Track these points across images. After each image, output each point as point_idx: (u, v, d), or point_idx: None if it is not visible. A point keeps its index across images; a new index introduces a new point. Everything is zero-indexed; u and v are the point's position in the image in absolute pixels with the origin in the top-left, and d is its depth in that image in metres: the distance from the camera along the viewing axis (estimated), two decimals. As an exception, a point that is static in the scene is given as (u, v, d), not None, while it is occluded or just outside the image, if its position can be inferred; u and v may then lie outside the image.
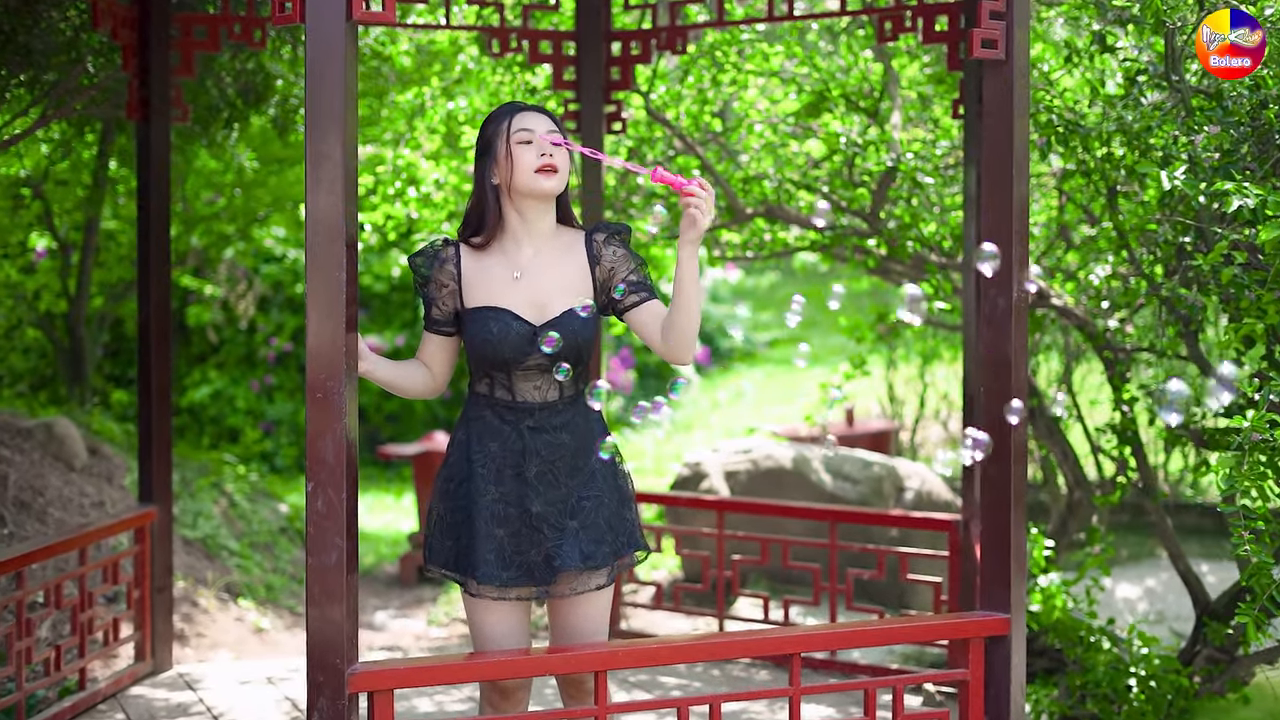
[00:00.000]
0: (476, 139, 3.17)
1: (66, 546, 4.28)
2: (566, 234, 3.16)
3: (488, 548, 3.04)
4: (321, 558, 2.82)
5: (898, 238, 5.23)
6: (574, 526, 3.06)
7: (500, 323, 3.05)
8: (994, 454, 3.33)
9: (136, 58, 4.62)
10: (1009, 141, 3.27)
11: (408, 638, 6.17)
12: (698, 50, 5.71)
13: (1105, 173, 4.71)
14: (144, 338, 4.71)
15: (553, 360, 3.06)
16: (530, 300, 3.08)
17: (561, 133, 3.11)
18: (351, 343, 2.84)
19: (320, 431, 2.81)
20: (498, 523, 3.06)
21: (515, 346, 3.04)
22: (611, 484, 3.13)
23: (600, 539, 3.07)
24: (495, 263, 3.12)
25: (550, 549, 3.04)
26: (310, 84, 2.80)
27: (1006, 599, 3.31)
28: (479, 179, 3.13)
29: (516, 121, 3.07)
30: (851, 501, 6.34)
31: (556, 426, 3.08)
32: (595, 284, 3.12)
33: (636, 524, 3.16)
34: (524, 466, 3.06)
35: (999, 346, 3.31)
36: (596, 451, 3.10)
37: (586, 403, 3.13)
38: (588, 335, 3.09)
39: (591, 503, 3.08)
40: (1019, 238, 3.29)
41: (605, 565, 3.07)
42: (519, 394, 3.09)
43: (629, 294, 3.10)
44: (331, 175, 2.79)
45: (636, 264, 3.12)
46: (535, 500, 3.05)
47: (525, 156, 3.05)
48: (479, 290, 3.10)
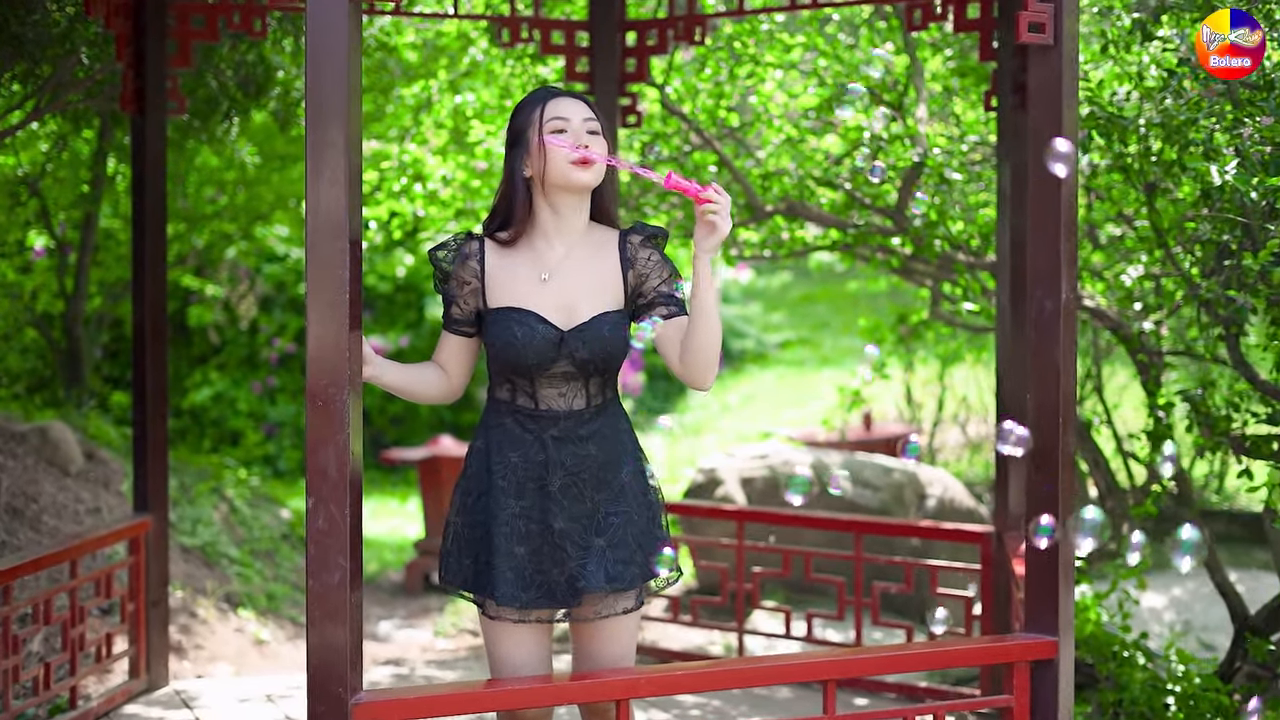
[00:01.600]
0: (507, 127, 2.95)
1: (56, 559, 4.08)
2: (599, 232, 2.95)
3: (507, 566, 2.83)
4: (323, 578, 2.62)
5: (924, 236, 5.01)
6: (600, 545, 2.84)
7: (525, 326, 2.84)
8: (1041, 464, 3.13)
9: (131, 48, 4.42)
10: (1058, 130, 3.07)
11: (413, 650, 5.96)
12: (714, 42, 5.50)
13: (1143, 168, 4.50)
14: (139, 339, 4.51)
15: (581, 369, 2.85)
16: (558, 303, 2.87)
17: (599, 120, 2.89)
18: (355, 346, 2.64)
19: (321, 442, 2.60)
20: (518, 539, 2.84)
21: (540, 352, 2.83)
22: (641, 500, 2.91)
23: (628, 559, 2.85)
24: (522, 261, 2.90)
25: (574, 569, 2.83)
26: (311, 67, 2.60)
27: (1054, 621, 3.10)
28: (509, 170, 2.91)
29: (550, 109, 2.84)
30: (872, 509, 6.13)
31: (583, 437, 2.87)
32: (626, 288, 2.91)
33: (667, 544, 2.95)
34: (547, 479, 2.85)
35: (1047, 352, 3.10)
36: (626, 465, 2.89)
37: (615, 411, 2.92)
38: (618, 344, 2.87)
39: (620, 519, 2.86)
40: (1067, 232, 3.09)
41: (633, 587, 2.86)
42: (542, 401, 2.87)
43: (657, 304, 2.88)
44: (334, 166, 2.59)
45: (670, 273, 2.91)
46: (558, 516, 2.84)
47: (558, 142, 2.83)
48: (503, 290, 2.89)
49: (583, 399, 2.88)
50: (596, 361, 2.84)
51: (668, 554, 2.92)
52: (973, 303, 5.12)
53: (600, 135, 2.88)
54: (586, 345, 2.83)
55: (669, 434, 10.42)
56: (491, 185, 5.77)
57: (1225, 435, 4.62)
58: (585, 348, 2.83)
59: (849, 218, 5.30)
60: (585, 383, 2.88)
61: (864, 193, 5.19)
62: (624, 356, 2.90)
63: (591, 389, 2.89)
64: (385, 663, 5.61)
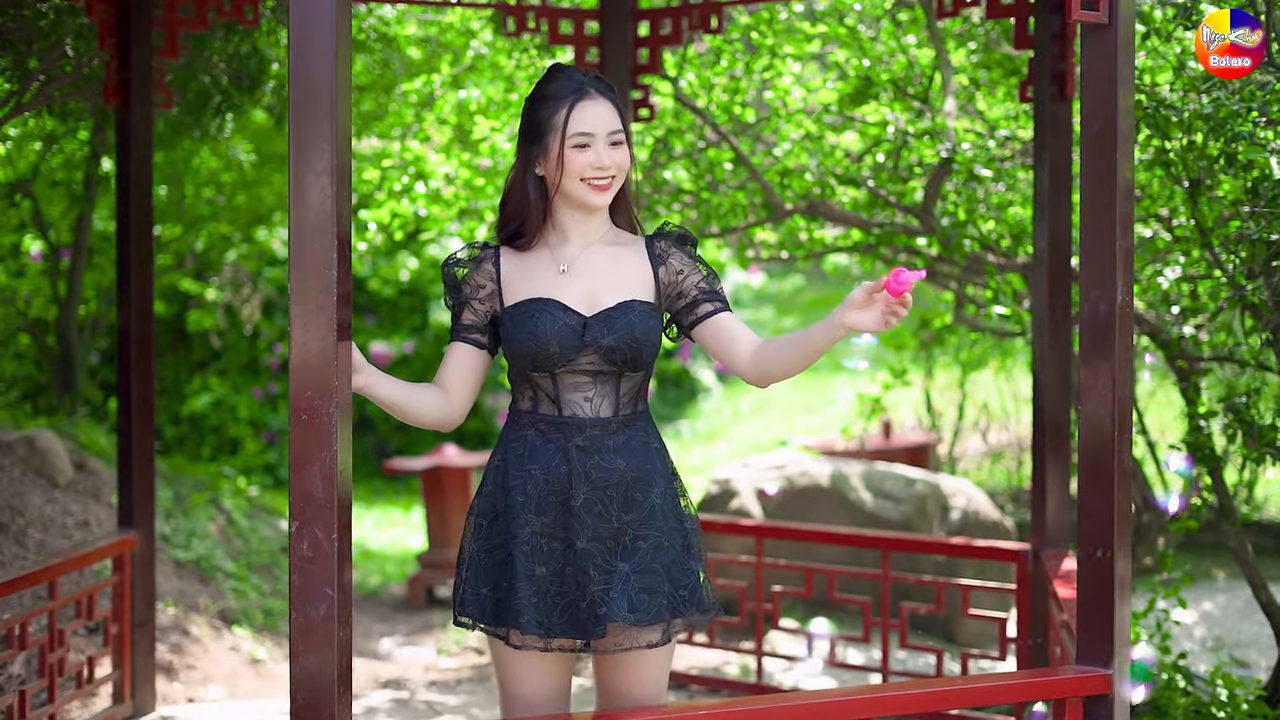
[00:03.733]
0: (524, 113, 2.69)
1: (32, 580, 3.82)
2: (621, 235, 2.74)
3: (529, 590, 2.57)
4: (307, 610, 2.36)
5: (952, 236, 4.75)
6: (624, 570, 2.58)
7: (547, 314, 2.60)
8: (1094, 481, 2.87)
9: (114, 36, 4.17)
10: (1112, 118, 2.81)
11: (415, 669, 5.70)
12: (729, 33, 5.24)
13: (1187, 163, 4.24)
14: (124, 346, 4.26)
15: (608, 361, 2.61)
16: (579, 292, 2.65)
17: (625, 126, 2.67)
18: (344, 353, 2.39)
19: (305, 460, 2.35)
20: (539, 559, 2.59)
21: (563, 340, 2.59)
22: (676, 526, 2.65)
23: (654, 589, 2.58)
24: (539, 260, 2.68)
25: (596, 594, 2.56)
26: (294, 49, 2.35)
27: (1109, 653, 2.84)
28: (520, 165, 2.67)
29: (576, 119, 2.61)
30: (894, 522, 5.87)
31: (610, 448, 2.61)
32: (659, 288, 2.68)
33: (702, 579, 2.67)
34: (569, 493, 2.59)
35: (1100, 358, 2.84)
36: (657, 484, 2.64)
37: (646, 425, 2.67)
38: (648, 334, 2.62)
39: (647, 544, 2.60)
40: (1123, 229, 2.83)
41: (658, 621, 2.58)
42: (566, 406, 2.62)
43: (699, 303, 2.67)
44: (320, 155, 2.34)
45: (708, 272, 2.70)
46: (581, 534, 2.58)
47: (578, 162, 2.61)
48: (521, 286, 2.66)
49: (610, 405, 2.63)
50: (623, 350, 2.60)
51: (703, 588, 2.67)
52: (1003, 306, 4.85)
53: (624, 144, 2.65)
54: (612, 332, 2.60)
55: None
56: (497, 185, 5.52)
57: (1271, 445, 4.37)
58: (611, 334, 2.59)
59: (872, 217, 5.04)
60: (615, 385, 2.63)
61: (888, 191, 4.93)
62: (653, 351, 2.65)
63: (621, 394, 2.65)
64: (385, 684, 5.35)
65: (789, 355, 2.59)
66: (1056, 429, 4.05)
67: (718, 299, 2.69)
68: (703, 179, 5.23)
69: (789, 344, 2.59)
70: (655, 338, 2.65)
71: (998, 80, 5.20)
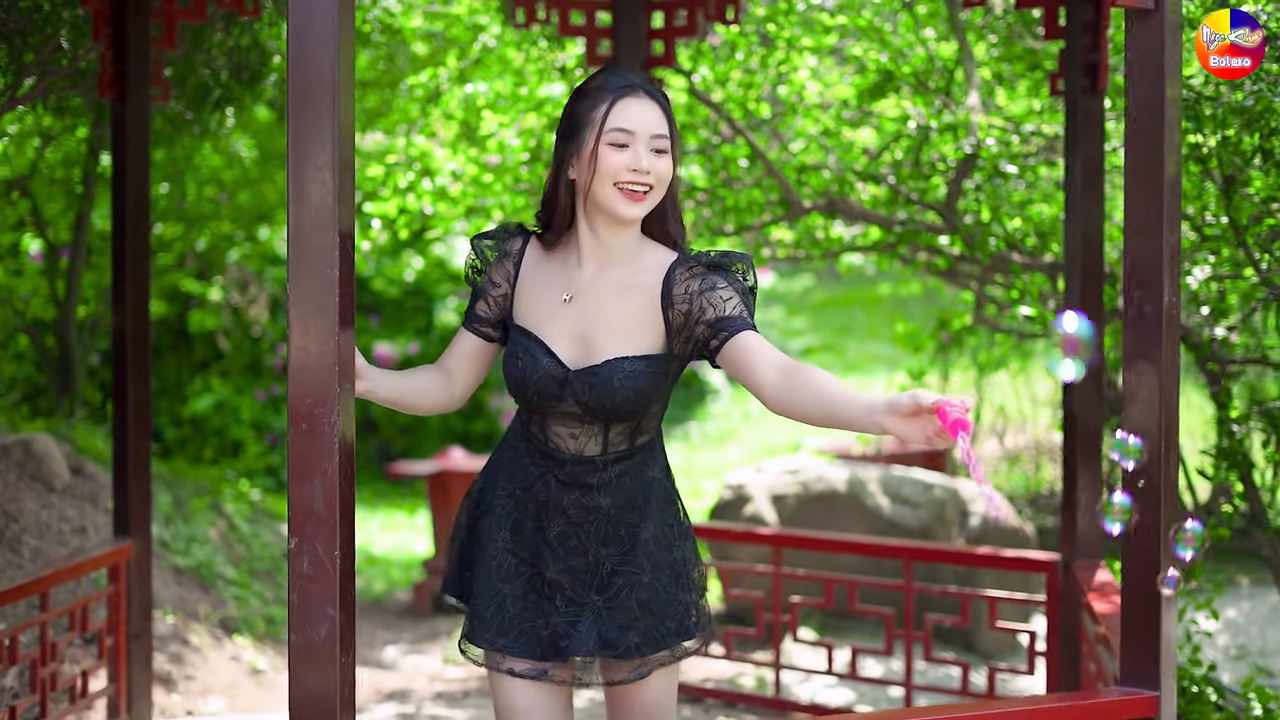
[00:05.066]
0: (565, 107, 2.47)
1: (23, 592, 3.67)
2: (652, 255, 2.46)
3: (487, 603, 2.45)
4: (307, 632, 2.21)
5: (976, 234, 4.59)
6: (597, 602, 2.43)
7: (529, 357, 2.42)
8: (1141, 493, 2.71)
9: (110, 27, 4.02)
10: (1159, 109, 2.66)
11: (420, 679, 5.55)
12: (744, 26, 5.08)
13: (1222, 158, 4.08)
14: (119, 347, 4.11)
15: (591, 415, 2.42)
16: (574, 333, 2.44)
17: (672, 133, 2.42)
18: (347, 358, 2.24)
19: (305, 472, 2.19)
20: (504, 577, 2.47)
21: (541, 389, 2.42)
22: (663, 559, 2.48)
23: (627, 625, 2.43)
24: (554, 272, 2.48)
25: (560, 625, 2.42)
26: (294, 33, 2.20)
27: (1155, 674, 2.69)
28: (555, 166, 2.47)
29: (616, 114, 2.37)
30: (912, 528, 5.71)
31: (593, 486, 2.44)
32: (669, 328, 2.41)
33: (693, 605, 2.51)
34: (544, 522, 2.45)
35: (1145, 362, 2.68)
36: (647, 521, 2.47)
37: (645, 458, 2.48)
38: (638, 394, 2.39)
39: (625, 579, 2.44)
40: (1170, 224, 2.68)
41: (632, 657, 2.43)
42: (551, 439, 2.47)
43: (709, 339, 2.38)
44: (320, 146, 2.19)
45: (723, 299, 2.37)
46: (552, 564, 2.44)
47: (613, 163, 2.36)
48: (527, 305, 2.49)
49: (597, 445, 2.45)
50: (603, 409, 2.40)
51: (691, 615, 2.51)
52: (1029, 306, 4.69)
53: (669, 154, 2.40)
54: (593, 391, 2.39)
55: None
56: (505, 182, 5.37)
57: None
58: (591, 394, 2.39)
59: (892, 214, 4.88)
60: (604, 428, 2.44)
61: (909, 188, 4.77)
62: (646, 409, 2.44)
63: (612, 435, 2.45)
64: (389, 696, 5.20)
65: (819, 405, 2.22)
66: (1088, 435, 3.89)
67: (725, 326, 2.35)
68: (717, 175, 5.07)
69: (823, 396, 2.22)
70: (648, 396, 2.40)
71: (1020, 74, 5.04)
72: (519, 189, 5.33)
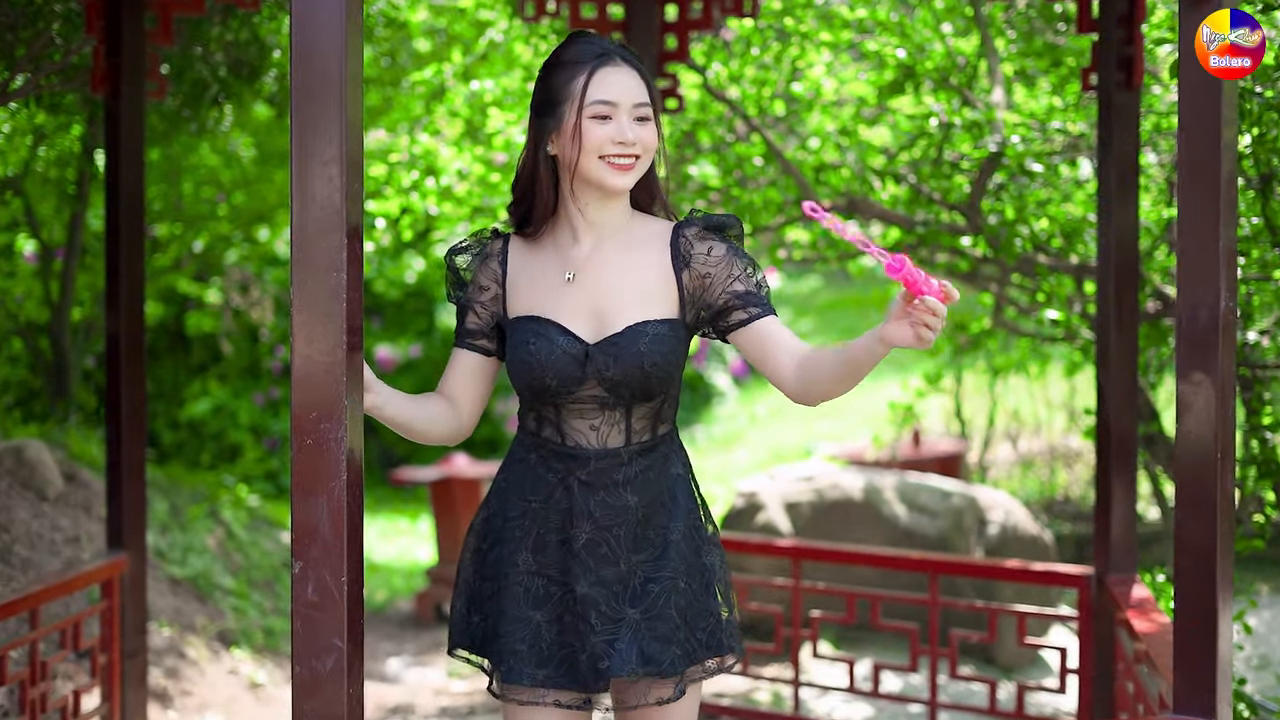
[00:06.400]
0: (538, 84, 2.35)
1: (11, 609, 3.50)
2: (644, 224, 2.37)
3: (517, 635, 2.28)
4: (312, 664, 2.05)
5: (1001, 235, 4.44)
6: (634, 617, 2.27)
7: (542, 339, 2.27)
8: (1193, 507, 2.56)
9: (103, 20, 3.86)
10: (1215, 100, 2.50)
11: (425, 693, 5.39)
12: (758, 21, 4.92)
13: (1258, 157, 3.93)
14: (113, 352, 3.94)
15: (615, 394, 2.28)
16: (585, 308, 2.30)
17: (653, 98, 2.31)
18: (355, 369, 2.08)
19: (310, 491, 2.04)
20: (533, 602, 2.29)
21: (561, 371, 2.26)
22: (693, 562, 2.33)
23: (669, 636, 2.27)
24: (547, 258, 2.34)
25: (598, 645, 2.26)
26: (296, 10, 2.04)
27: (1211, 701, 2.53)
28: (532, 143, 2.33)
29: (596, 86, 2.26)
30: (930, 538, 5.55)
31: (618, 483, 2.29)
32: (683, 294, 2.31)
33: (724, 618, 2.36)
34: (571, 533, 2.29)
35: (1200, 372, 2.52)
36: (676, 519, 2.31)
37: (667, 451, 2.34)
38: (663, 362, 2.27)
39: (660, 587, 2.28)
40: (1226, 225, 2.52)
41: (674, 673, 2.27)
42: (570, 435, 2.31)
43: (732, 309, 2.28)
44: (326, 139, 2.03)
45: (744, 268, 2.30)
46: (582, 578, 2.28)
47: (598, 138, 2.25)
48: (523, 295, 2.33)
49: (621, 434, 2.31)
50: (631, 385, 2.26)
51: (723, 630, 2.35)
52: (1055, 310, 4.53)
53: (652, 120, 2.30)
54: (618, 363, 2.25)
55: (698, 446, 9.82)
56: (510, 180, 5.20)
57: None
58: (616, 366, 2.26)
59: (913, 214, 4.72)
60: (625, 413, 2.30)
61: (931, 187, 4.61)
62: (672, 380, 2.31)
63: (634, 422, 2.31)
64: (393, 711, 5.04)
65: (834, 370, 2.19)
66: (1122, 443, 3.74)
67: (754, 302, 2.29)
68: (731, 174, 4.91)
69: (833, 357, 2.20)
70: (673, 363, 2.29)
71: (1045, 70, 4.88)
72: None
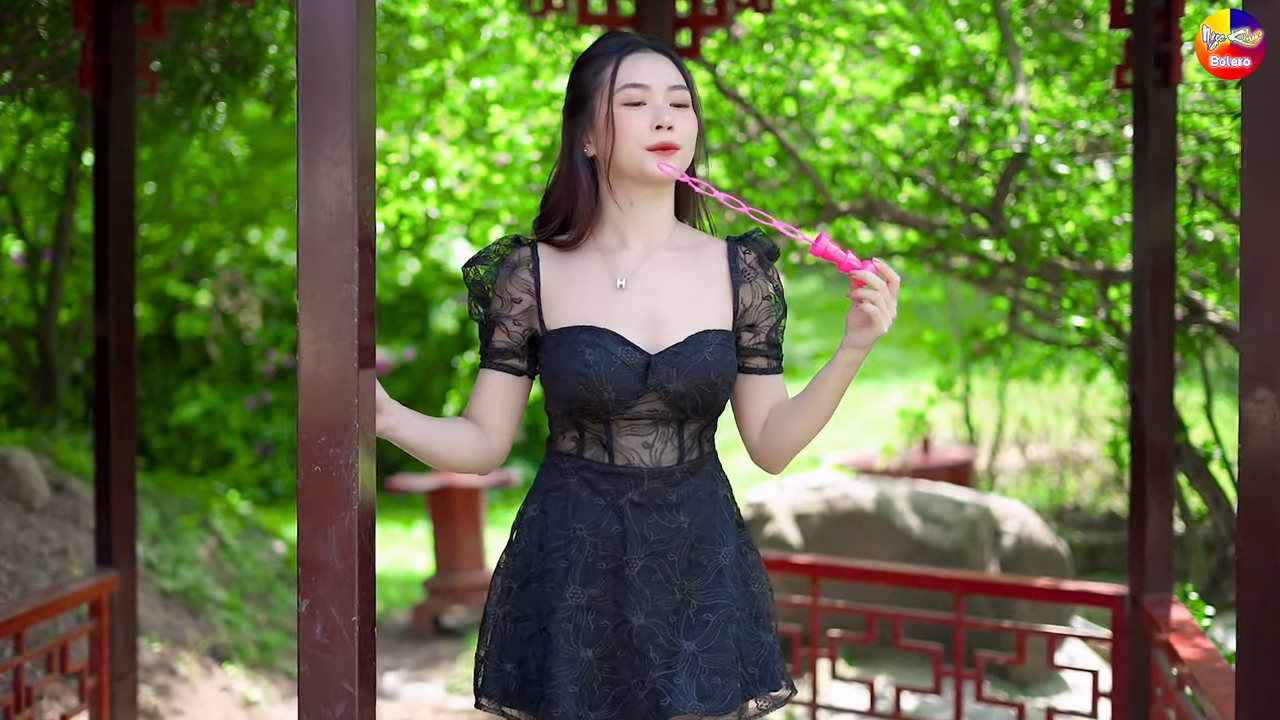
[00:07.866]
0: (568, 86, 2.22)
1: (-6, 633, 3.33)
2: (692, 234, 2.23)
3: (570, 676, 2.10)
4: (321, 711, 1.88)
5: (1025, 239, 4.28)
6: (690, 650, 2.11)
7: (600, 350, 2.11)
8: (1260, 534, 2.40)
9: (91, 14, 3.69)
10: (1277, 100, 2.34)
11: (424, 710, 5.22)
12: (770, 17, 4.76)
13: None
14: (102, 357, 3.77)
15: (675, 408, 2.13)
16: (641, 318, 2.15)
17: (688, 82, 2.17)
18: (367, 388, 1.91)
19: (318, 522, 1.87)
20: (584, 639, 2.12)
21: (620, 384, 2.10)
22: (743, 591, 2.19)
23: (726, 670, 2.12)
24: (590, 266, 2.18)
25: (658, 681, 2.09)
26: (304, 4, 1.87)
27: (1276, 737, 2.37)
28: (566, 146, 2.19)
29: (625, 70, 2.13)
30: (944, 550, 5.39)
31: (671, 503, 2.14)
32: (736, 309, 2.20)
33: (775, 650, 2.21)
34: (624, 560, 2.12)
35: (1267, 389, 2.36)
36: (726, 542, 2.17)
37: (713, 470, 2.19)
38: (726, 373, 2.15)
39: (717, 616, 2.13)
40: (1294, 231, 2.36)
41: (732, 709, 2.12)
42: (620, 453, 2.14)
43: (757, 353, 2.21)
44: (336, 137, 1.86)
45: (780, 316, 2.24)
46: (638, 608, 2.11)
47: (633, 124, 2.12)
48: (566, 305, 2.16)
49: (674, 451, 2.15)
50: (695, 398, 2.12)
51: (776, 664, 2.21)
52: (1081, 317, 4.38)
53: (689, 107, 2.16)
54: (683, 375, 2.11)
55: None
56: (514, 182, 5.03)
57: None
58: (681, 378, 2.11)
59: (933, 217, 4.56)
60: (678, 429, 2.15)
61: (952, 189, 4.46)
62: (728, 394, 2.17)
63: (686, 438, 2.16)
64: (393, 731, 4.88)
65: (797, 417, 2.16)
66: (1158, 457, 3.58)
67: (777, 356, 2.25)
68: (742, 175, 4.75)
69: (794, 402, 2.17)
70: (733, 374, 2.18)
71: (1067, 67, 4.72)
72: (530, 189, 5.00)
